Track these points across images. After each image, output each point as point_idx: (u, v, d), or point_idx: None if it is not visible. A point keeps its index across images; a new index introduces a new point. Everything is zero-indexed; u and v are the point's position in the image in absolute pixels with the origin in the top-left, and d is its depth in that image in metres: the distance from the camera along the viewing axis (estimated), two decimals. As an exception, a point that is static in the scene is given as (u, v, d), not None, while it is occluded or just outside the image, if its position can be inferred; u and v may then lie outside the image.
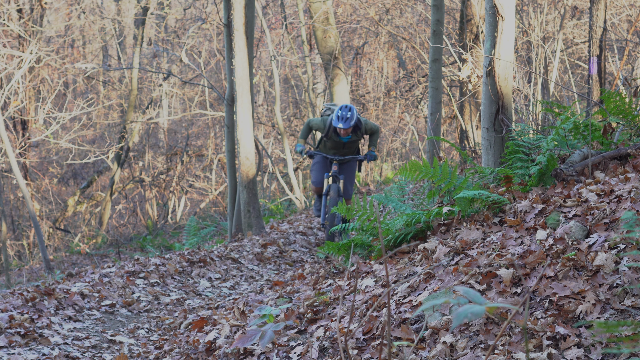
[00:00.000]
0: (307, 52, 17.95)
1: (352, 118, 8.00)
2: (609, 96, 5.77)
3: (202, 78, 18.68)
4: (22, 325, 5.37)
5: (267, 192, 20.91)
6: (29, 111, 17.95)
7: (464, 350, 3.41)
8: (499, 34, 5.69)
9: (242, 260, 8.53)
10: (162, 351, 4.98)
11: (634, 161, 5.03)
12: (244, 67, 9.83)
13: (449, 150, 17.61)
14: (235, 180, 10.74)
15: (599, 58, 8.24)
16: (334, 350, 3.92)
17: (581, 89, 14.49)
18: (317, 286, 5.38)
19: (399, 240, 5.16)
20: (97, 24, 20.18)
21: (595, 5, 8.16)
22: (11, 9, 16.63)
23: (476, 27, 12.44)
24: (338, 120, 8.01)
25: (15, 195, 18.88)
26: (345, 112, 8.02)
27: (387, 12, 17.26)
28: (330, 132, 8.19)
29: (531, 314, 3.49)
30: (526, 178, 5.30)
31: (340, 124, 7.98)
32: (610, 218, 4.08)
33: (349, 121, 8.00)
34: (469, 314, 1.55)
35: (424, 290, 4.13)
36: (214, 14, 18.56)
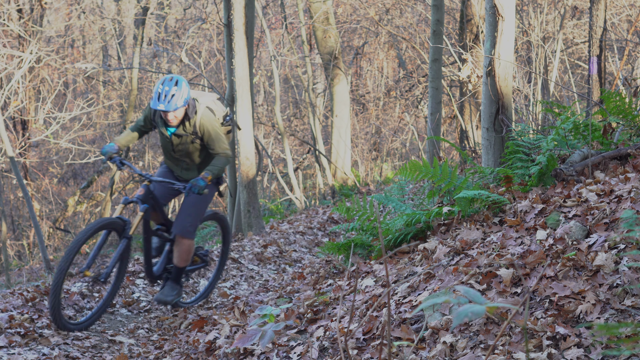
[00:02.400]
0: (307, 52, 17.95)
1: (180, 97, 5.24)
2: (609, 96, 5.78)
3: (202, 78, 18.68)
4: (22, 325, 5.37)
5: (267, 192, 20.91)
6: (29, 111, 17.94)
7: (464, 350, 3.41)
8: (499, 34, 5.69)
9: (242, 260, 8.53)
10: (162, 351, 4.97)
11: (634, 161, 5.03)
12: (244, 67, 9.83)
13: (449, 150, 17.62)
14: (235, 180, 10.74)
15: (599, 58, 8.24)
16: (334, 350, 3.92)
17: (581, 89, 14.50)
18: (317, 286, 5.38)
19: (399, 240, 5.16)
20: (97, 24, 20.18)
21: (595, 5, 8.16)
22: (11, 9, 16.63)
23: (476, 27, 12.44)
24: (157, 100, 5.27)
25: (15, 195, 18.88)
26: (168, 85, 5.24)
27: (387, 12, 17.26)
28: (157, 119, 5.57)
29: (531, 314, 3.49)
30: (526, 178, 5.31)
31: (161, 105, 5.25)
32: (610, 218, 4.08)
33: (171, 101, 5.23)
34: (469, 313, 1.55)
35: (424, 290, 4.13)
36: (214, 14, 18.55)
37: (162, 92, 5.22)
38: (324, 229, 10.97)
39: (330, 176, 16.68)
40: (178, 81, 5.26)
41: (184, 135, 5.48)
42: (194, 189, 5.32)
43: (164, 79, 5.28)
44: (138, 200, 5.45)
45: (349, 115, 16.98)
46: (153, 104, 5.25)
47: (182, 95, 5.26)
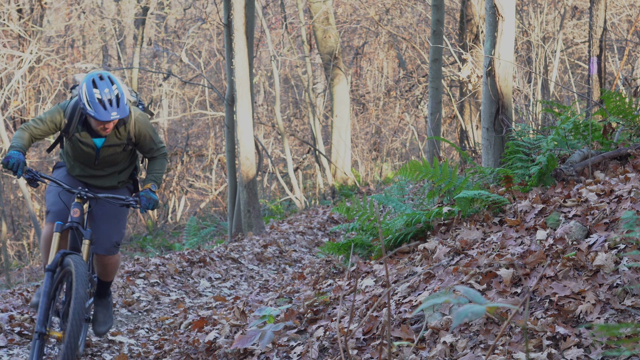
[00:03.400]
0: (307, 52, 17.95)
1: (125, 97, 4.27)
2: (609, 96, 5.78)
3: (202, 78, 18.68)
4: (22, 325, 5.37)
5: (267, 192, 20.91)
6: (29, 111, 17.94)
7: (464, 350, 3.41)
8: (499, 34, 5.69)
9: (242, 260, 8.53)
10: (162, 351, 4.97)
11: (634, 161, 5.03)
12: (244, 67, 9.83)
13: (449, 150, 17.61)
14: (235, 180, 10.74)
15: (599, 58, 8.24)
16: (334, 350, 3.92)
17: (581, 89, 14.49)
18: (317, 286, 5.38)
19: (399, 240, 5.16)
20: (97, 24, 20.18)
21: (595, 5, 8.16)
22: (11, 9, 16.63)
23: (476, 27, 12.44)
24: (91, 105, 4.18)
25: (15, 195, 18.88)
26: (106, 85, 4.20)
27: (387, 12, 17.26)
28: (74, 126, 4.41)
29: (531, 314, 3.49)
30: (526, 178, 5.31)
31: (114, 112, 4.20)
32: (610, 218, 4.08)
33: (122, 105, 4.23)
34: (469, 313, 1.55)
35: (424, 290, 4.13)
36: (214, 14, 18.55)
37: (105, 96, 4.14)
38: (324, 229, 10.97)
39: (330, 176, 16.68)
40: (111, 78, 4.23)
41: (116, 145, 4.42)
42: (149, 205, 4.39)
43: (91, 80, 4.17)
44: (78, 225, 4.33)
45: (349, 115, 16.98)
46: (99, 114, 4.13)
47: (125, 94, 4.29)
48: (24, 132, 4.32)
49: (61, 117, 4.39)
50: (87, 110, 4.17)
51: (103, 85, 4.16)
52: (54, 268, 4.16)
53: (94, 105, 4.15)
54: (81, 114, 4.35)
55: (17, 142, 4.27)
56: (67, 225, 4.31)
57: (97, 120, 4.20)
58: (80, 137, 4.42)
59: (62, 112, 4.39)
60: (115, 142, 4.44)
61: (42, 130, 4.39)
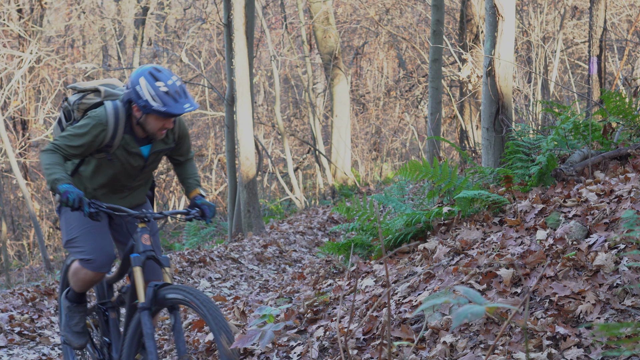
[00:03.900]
0: (307, 52, 17.95)
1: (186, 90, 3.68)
2: (609, 96, 5.78)
3: (202, 78, 18.68)
4: (22, 325, 5.37)
5: (267, 192, 20.91)
6: (29, 111, 17.95)
7: (464, 350, 3.41)
8: (499, 34, 5.69)
9: (242, 260, 8.53)
10: (162, 351, 4.97)
11: (634, 161, 5.03)
12: (244, 67, 9.83)
13: (449, 150, 17.61)
14: (235, 180, 10.75)
15: (599, 58, 8.24)
16: (334, 350, 3.92)
17: (581, 89, 14.49)
18: (317, 286, 5.38)
19: (399, 240, 5.16)
20: (97, 24, 20.18)
21: (595, 5, 8.16)
22: (11, 9, 16.63)
23: (476, 27, 12.44)
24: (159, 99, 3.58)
25: (15, 195, 18.88)
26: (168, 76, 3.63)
27: (387, 12, 17.26)
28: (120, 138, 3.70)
29: (531, 314, 3.49)
30: (526, 178, 5.31)
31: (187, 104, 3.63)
32: (610, 218, 4.08)
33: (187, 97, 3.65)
34: (469, 314, 1.55)
35: (424, 290, 4.13)
36: (214, 14, 18.55)
37: (172, 87, 3.58)
38: (324, 229, 10.97)
39: (330, 176, 16.68)
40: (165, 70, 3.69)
41: (162, 151, 3.85)
42: (212, 213, 3.85)
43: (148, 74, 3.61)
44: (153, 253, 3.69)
45: (349, 115, 16.98)
46: (171, 107, 3.56)
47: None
48: (59, 156, 3.58)
49: (105, 130, 3.62)
50: (153, 107, 3.55)
51: (165, 76, 3.61)
52: (149, 305, 3.55)
53: (163, 99, 3.56)
54: (126, 121, 3.67)
55: (62, 173, 3.53)
56: (145, 256, 3.64)
57: (162, 118, 3.61)
58: (128, 148, 3.71)
59: (104, 124, 3.62)
60: (162, 147, 3.83)
61: (80, 152, 3.64)
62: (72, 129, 3.62)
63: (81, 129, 3.61)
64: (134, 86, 3.60)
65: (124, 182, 3.85)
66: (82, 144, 3.61)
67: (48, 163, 3.55)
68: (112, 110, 3.65)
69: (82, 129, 3.61)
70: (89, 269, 3.76)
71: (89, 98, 3.80)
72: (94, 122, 3.62)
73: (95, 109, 3.72)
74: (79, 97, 3.82)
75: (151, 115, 3.62)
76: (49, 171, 3.54)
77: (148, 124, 3.66)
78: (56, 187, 3.50)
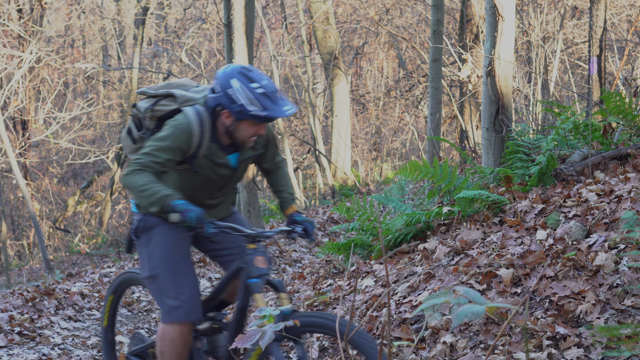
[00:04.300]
0: (307, 52, 17.96)
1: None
2: (609, 96, 5.78)
3: (202, 78, 18.68)
4: (22, 325, 5.37)
5: (267, 192, 20.91)
6: (29, 111, 17.95)
7: (464, 350, 3.41)
8: (499, 34, 5.69)
9: (242, 260, 8.53)
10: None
11: (634, 161, 5.03)
12: (244, 67, 9.82)
13: (449, 150, 17.61)
14: (235, 180, 10.75)
15: (599, 58, 8.24)
16: (334, 350, 3.92)
17: (581, 89, 14.50)
18: (317, 286, 5.38)
19: (399, 240, 5.16)
20: (97, 24, 20.18)
21: (595, 5, 8.16)
22: (11, 9, 16.63)
23: (476, 27, 12.44)
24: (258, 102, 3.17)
25: (15, 195, 18.88)
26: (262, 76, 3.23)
27: (387, 12, 17.26)
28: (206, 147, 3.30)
29: (531, 314, 3.49)
30: (526, 178, 5.31)
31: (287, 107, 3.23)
32: (610, 218, 4.08)
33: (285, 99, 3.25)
34: (469, 314, 1.55)
35: (424, 290, 4.13)
36: (214, 14, 18.56)
37: (269, 88, 3.19)
38: (324, 229, 10.97)
39: (330, 176, 16.68)
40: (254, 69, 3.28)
41: (249, 159, 3.46)
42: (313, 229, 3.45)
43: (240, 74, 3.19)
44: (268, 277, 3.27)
45: (349, 115, 16.99)
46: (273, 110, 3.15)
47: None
48: (150, 174, 3.15)
49: (190, 139, 3.21)
50: (250, 112, 3.13)
51: (257, 75, 3.20)
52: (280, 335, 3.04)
53: (263, 101, 3.15)
54: (211, 128, 3.26)
55: (167, 189, 3.12)
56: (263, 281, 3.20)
57: (257, 124, 3.21)
58: (214, 158, 3.31)
59: (188, 133, 3.20)
60: (251, 154, 3.43)
61: (169, 166, 3.23)
62: (155, 143, 3.18)
63: (165, 141, 3.18)
64: (225, 89, 3.16)
65: (209, 195, 3.44)
66: (169, 158, 3.19)
67: (144, 183, 3.10)
68: (195, 117, 3.23)
69: (165, 141, 3.18)
70: (176, 319, 3.25)
71: (162, 104, 3.35)
72: (177, 132, 3.20)
73: (172, 117, 3.30)
74: (150, 103, 3.38)
75: (245, 122, 3.20)
76: (149, 191, 3.08)
77: (240, 131, 3.25)
78: (169, 204, 3.05)
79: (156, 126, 3.36)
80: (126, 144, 3.45)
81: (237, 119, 3.20)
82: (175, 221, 3.06)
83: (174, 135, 3.19)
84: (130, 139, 3.44)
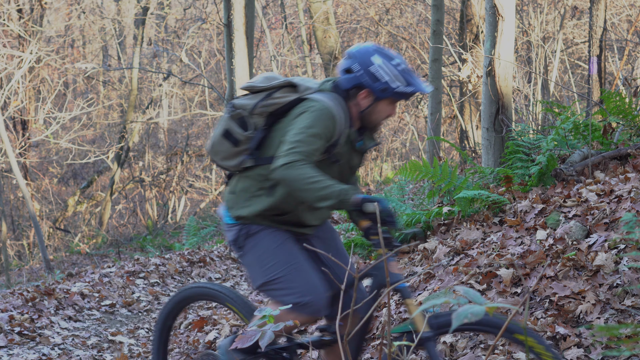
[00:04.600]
0: (307, 52, 17.96)
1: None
2: (609, 96, 5.78)
3: (202, 78, 18.68)
4: (22, 325, 5.37)
5: (267, 192, 20.90)
6: (29, 111, 17.95)
7: (464, 350, 3.41)
8: (499, 34, 5.69)
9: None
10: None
11: (634, 161, 5.03)
12: (244, 67, 9.83)
13: (449, 150, 17.61)
14: (235, 180, 10.74)
15: (599, 58, 8.24)
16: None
17: (581, 89, 14.50)
18: (317, 286, 5.38)
19: (399, 240, 5.16)
20: (97, 24, 20.18)
21: (595, 5, 8.16)
22: (11, 9, 16.63)
23: (476, 27, 12.44)
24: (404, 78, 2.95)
25: (15, 195, 18.88)
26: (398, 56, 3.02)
27: (387, 12, 17.26)
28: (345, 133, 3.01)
29: (531, 314, 3.49)
30: (526, 178, 5.31)
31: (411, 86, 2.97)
32: (610, 218, 4.08)
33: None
34: (469, 314, 1.55)
35: (424, 290, 4.13)
36: (214, 14, 18.55)
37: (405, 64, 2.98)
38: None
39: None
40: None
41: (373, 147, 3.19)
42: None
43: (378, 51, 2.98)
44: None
45: (349, 115, 16.98)
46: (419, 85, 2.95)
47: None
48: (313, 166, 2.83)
49: (334, 124, 2.92)
50: (396, 89, 2.90)
51: (391, 53, 3.00)
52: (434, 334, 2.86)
53: (408, 77, 2.94)
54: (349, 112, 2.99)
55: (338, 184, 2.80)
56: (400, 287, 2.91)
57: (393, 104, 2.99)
58: (353, 146, 3.06)
59: (332, 118, 2.91)
60: (373, 143, 3.17)
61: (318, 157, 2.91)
62: (304, 130, 2.84)
63: (313, 129, 2.86)
64: (367, 67, 2.92)
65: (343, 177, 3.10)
66: (319, 147, 2.88)
67: (312, 175, 2.77)
68: (332, 102, 2.94)
69: (314, 129, 2.86)
70: (305, 314, 2.96)
71: (277, 97, 3.00)
72: (323, 118, 2.88)
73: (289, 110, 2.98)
74: (259, 98, 3.01)
75: (384, 101, 2.97)
76: (321, 184, 2.76)
77: (376, 112, 3.01)
78: (351, 199, 2.77)
79: (266, 123, 3.00)
80: (222, 149, 3.04)
81: (377, 99, 2.96)
82: (371, 211, 2.79)
83: (319, 122, 2.87)
84: (229, 142, 3.02)
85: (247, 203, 3.00)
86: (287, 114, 2.98)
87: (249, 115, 3.01)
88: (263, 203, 2.97)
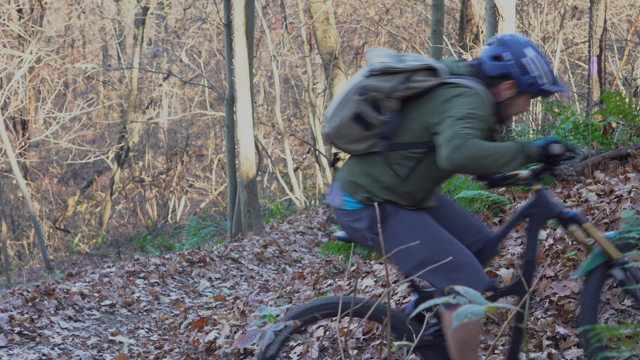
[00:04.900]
0: (307, 52, 17.96)
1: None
2: (609, 96, 5.78)
3: (202, 78, 18.69)
4: (22, 325, 5.37)
5: (267, 192, 20.91)
6: (29, 111, 17.95)
7: (464, 350, 3.41)
8: (499, 34, 5.69)
9: (242, 260, 8.53)
10: (162, 351, 4.97)
11: (634, 161, 5.03)
12: (244, 67, 9.83)
13: (449, 150, 17.62)
14: (235, 180, 10.75)
15: (599, 58, 8.24)
16: (334, 350, 3.92)
17: (581, 89, 14.50)
18: (317, 286, 5.38)
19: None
20: (97, 24, 20.19)
21: (595, 5, 8.16)
22: (11, 9, 16.63)
23: (476, 27, 12.44)
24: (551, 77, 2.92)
25: (15, 195, 18.88)
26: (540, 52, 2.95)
27: (387, 12, 17.27)
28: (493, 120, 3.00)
29: (531, 314, 3.49)
30: (526, 178, 5.30)
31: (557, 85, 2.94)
32: (610, 218, 4.08)
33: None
34: (469, 314, 1.55)
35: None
36: (214, 14, 18.55)
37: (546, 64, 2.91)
38: (324, 229, 10.97)
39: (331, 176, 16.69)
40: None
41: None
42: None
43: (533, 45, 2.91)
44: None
45: (349, 115, 16.99)
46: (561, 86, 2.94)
47: None
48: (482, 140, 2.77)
49: (490, 111, 2.87)
50: (542, 86, 2.86)
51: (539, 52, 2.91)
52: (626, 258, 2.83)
53: (552, 76, 2.91)
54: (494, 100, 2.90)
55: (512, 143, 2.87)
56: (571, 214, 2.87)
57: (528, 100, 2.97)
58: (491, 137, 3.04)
59: (489, 105, 2.85)
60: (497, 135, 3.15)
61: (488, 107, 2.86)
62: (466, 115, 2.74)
63: (476, 110, 2.77)
64: (519, 58, 2.83)
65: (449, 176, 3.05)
66: (485, 129, 2.85)
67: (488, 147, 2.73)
68: (482, 88, 2.85)
69: (477, 110, 2.77)
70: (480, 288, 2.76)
71: (417, 80, 2.83)
72: (481, 102, 2.80)
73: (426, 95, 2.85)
74: (398, 80, 2.82)
75: (525, 96, 2.91)
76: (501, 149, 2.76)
77: (514, 106, 2.96)
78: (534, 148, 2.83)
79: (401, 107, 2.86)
80: (350, 132, 2.86)
81: (520, 92, 2.89)
82: (558, 152, 2.87)
83: (480, 106, 2.78)
84: (360, 126, 2.84)
85: (376, 185, 2.84)
86: (422, 98, 2.84)
87: (386, 98, 2.83)
88: (395, 186, 2.83)
